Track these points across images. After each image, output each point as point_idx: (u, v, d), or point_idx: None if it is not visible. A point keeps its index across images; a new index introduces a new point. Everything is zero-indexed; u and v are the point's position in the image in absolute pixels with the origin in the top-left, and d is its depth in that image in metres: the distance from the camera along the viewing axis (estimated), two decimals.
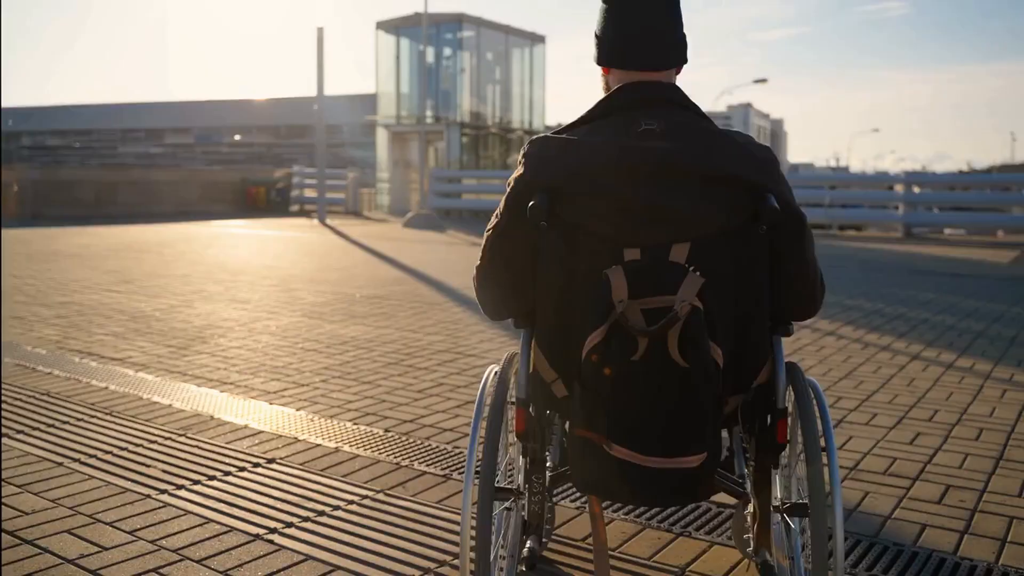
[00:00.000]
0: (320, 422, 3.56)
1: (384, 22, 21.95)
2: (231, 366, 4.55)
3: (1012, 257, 11.22)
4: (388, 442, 3.32)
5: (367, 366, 4.57)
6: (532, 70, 23.41)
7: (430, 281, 8.20)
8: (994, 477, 2.98)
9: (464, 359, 4.77)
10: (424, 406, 3.83)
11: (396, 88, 22.19)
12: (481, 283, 1.84)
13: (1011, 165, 61.60)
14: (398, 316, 6.14)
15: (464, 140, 21.92)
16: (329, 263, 9.80)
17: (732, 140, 1.68)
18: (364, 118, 28.20)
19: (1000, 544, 2.46)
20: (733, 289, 1.67)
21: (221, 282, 7.94)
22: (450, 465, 3.07)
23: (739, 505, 2.24)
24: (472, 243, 12.99)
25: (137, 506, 2.66)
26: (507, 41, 22.42)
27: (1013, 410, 3.80)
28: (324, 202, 17.67)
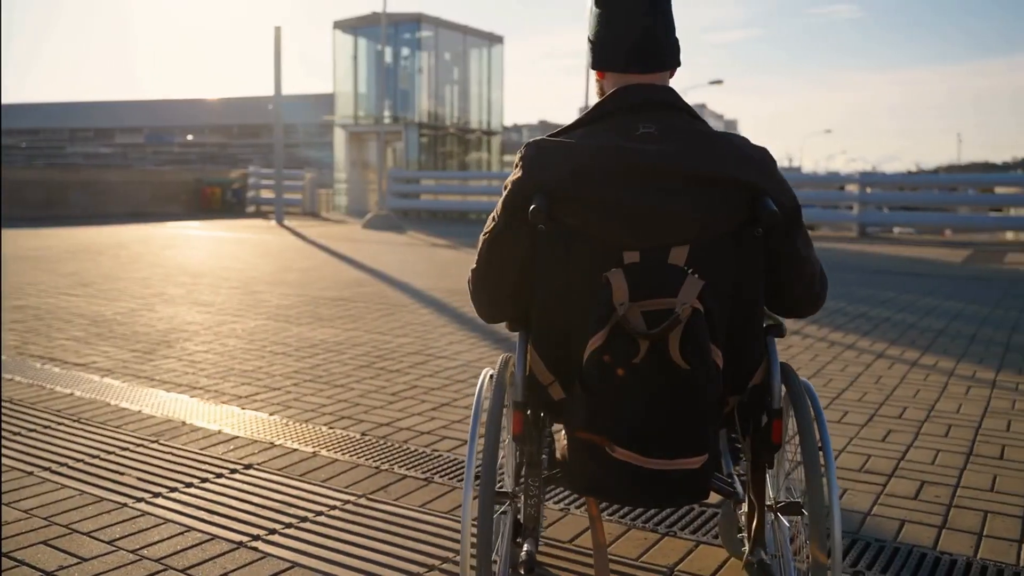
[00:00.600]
0: (295, 426, 3.52)
1: (341, 22, 21.79)
2: (199, 371, 4.48)
3: (965, 256, 11.48)
4: (366, 446, 3.29)
5: (338, 369, 4.53)
6: (490, 70, 23.41)
7: (394, 282, 8.16)
8: (966, 472, 3.04)
9: (435, 361, 4.75)
10: (399, 409, 3.80)
11: (354, 88, 22.03)
12: (477, 287, 1.83)
13: (957, 165, 63.01)
14: (366, 318, 6.10)
15: (422, 140, 21.84)
16: (290, 265, 9.69)
17: (729, 142, 1.69)
18: (321, 118, 27.97)
19: (977, 538, 2.51)
20: (730, 291, 1.68)
21: (182, 285, 7.81)
22: (430, 468, 3.05)
23: (727, 505, 2.27)
24: (432, 244, 12.95)
25: (114, 515, 2.61)
26: (465, 41, 22.40)
27: (978, 406, 3.88)
28: (282, 203, 17.48)
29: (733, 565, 2.32)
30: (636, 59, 1.74)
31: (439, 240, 13.63)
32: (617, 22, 1.74)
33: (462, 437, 3.41)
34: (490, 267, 1.77)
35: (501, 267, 1.76)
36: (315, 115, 33.91)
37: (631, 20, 1.73)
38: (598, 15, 1.77)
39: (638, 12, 1.73)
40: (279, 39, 16.33)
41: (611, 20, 1.75)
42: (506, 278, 1.76)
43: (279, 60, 16.39)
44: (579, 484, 1.70)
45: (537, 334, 1.78)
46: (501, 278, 1.77)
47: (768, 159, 1.69)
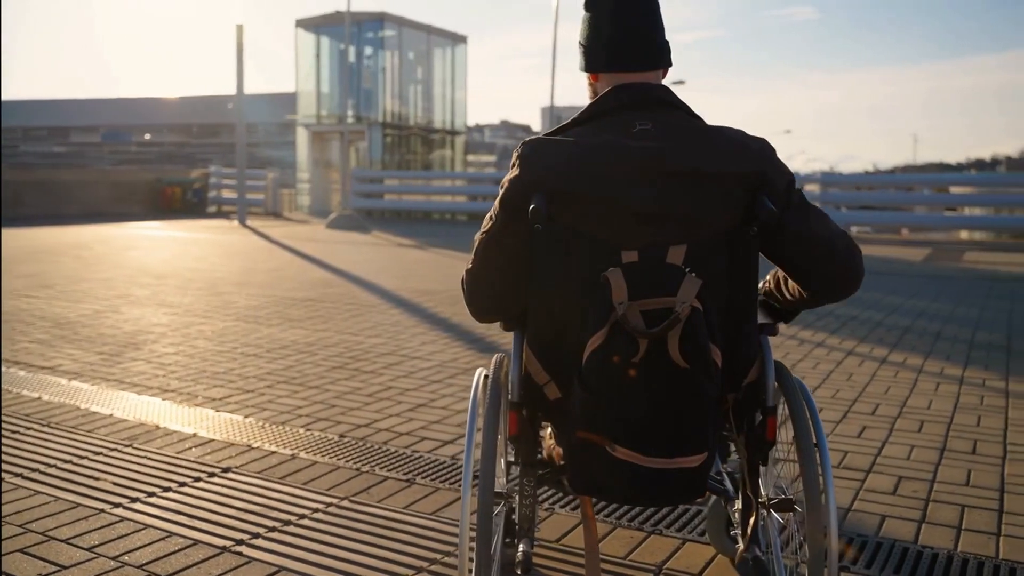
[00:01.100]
0: (271, 429, 3.48)
1: (304, 20, 21.61)
2: (170, 373, 4.41)
3: (924, 255, 11.68)
4: (345, 448, 3.26)
5: (312, 370, 4.49)
6: (454, 70, 23.36)
7: (362, 283, 8.10)
8: (941, 467, 3.09)
9: (409, 362, 4.72)
10: (376, 410, 3.77)
11: (316, 87, 21.87)
12: (473, 286, 1.82)
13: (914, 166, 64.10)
14: (336, 319, 6.05)
15: (386, 140, 21.74)
16: (256, 265, 9.59)
17: (725, 135, 1.69)
18: (283, 118, 27.71)
19: (956, 532, 2.55)
20: (725, 290, 1.69)
21: (146, 286, 7.69)
22: (412, 470, 3.03)
23: (715, 502, 2.28)
24: (397, 244, 12.89)
25: (92, 521, 2.55)
26: (429, 41, 22.32)
27: (949, 402, 3.95)
28: (245, 203, 17.28)
29: (720, 562, 2.33)
30: (630, 58, 1.74)
31: (404, 240, 13.57)
32: (609, 24, 1.74)
33: (442, 438, 3.39)
34: (487, 266, 1.76)
35: (498, 266, 1.75)
36: (276, 114, 33.60)
37: (623, 22, 1.73)
38: (590, 19, 1.77)
39: (629, 14, 1.73)
40: (241, 37, 16.16)
41: (602, 23, 1.74)
42: (503, 277, 1.75)
43: (241, 59, 16.21)
44: (578, 484, 1.70)
45: (533, 333, 1.77)
46: (498, 278, 1.76)
47: (766, 146, 1.70)
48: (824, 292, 1.79)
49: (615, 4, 1.74)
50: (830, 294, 1.80)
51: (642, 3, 1.74)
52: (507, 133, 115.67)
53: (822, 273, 1.76)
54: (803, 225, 1.71)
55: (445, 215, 20.61)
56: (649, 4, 1.74)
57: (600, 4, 1.75)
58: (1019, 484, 2.93)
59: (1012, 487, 2.91)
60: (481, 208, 19.83)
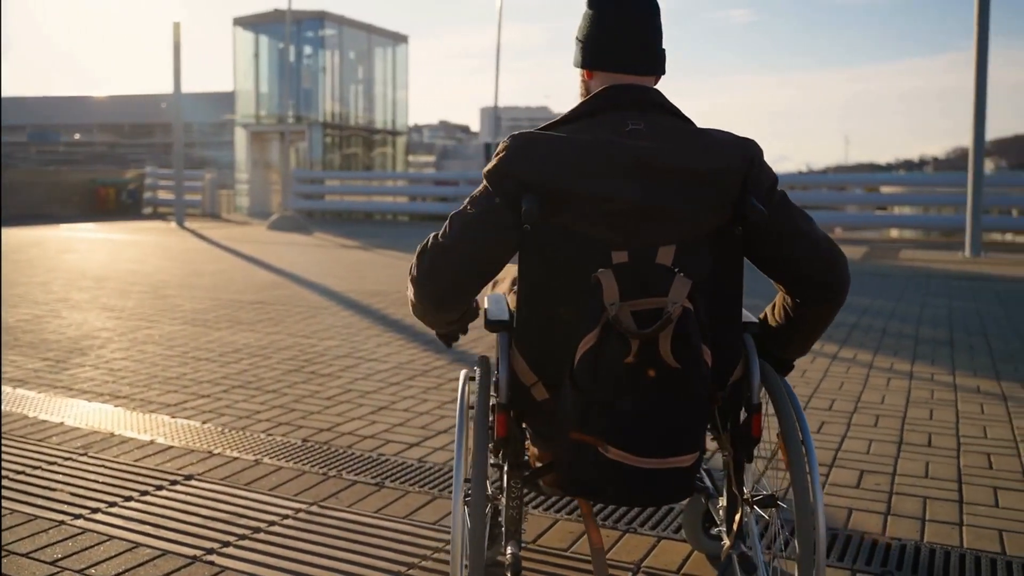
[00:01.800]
0: (231, 434, 3.41)
1: (242, 18, 21.26)
2: (120, 379, 4.29)
3: (862, 253, 11.96)
4: (309, 452, 3.21)
5: (267, 374, 4.41)
6: (395, 70, 23.22)
7: (310, 285, 8.00)
8: (900, 461, 3.16)
9: (366, 364, 4.67)
10: (337, 414, 3.72)
11: (255, 87, 21.55)
12: (436, 258, 1.70)
13: (845, 166, 65.65)
14: (287, 321, 5.95)
15: (327, 140, 21.51)
16: (198, 268, 9.40)
17: (714, 136, 1.71)
18: (219, 117, 27.21)
19: (920, 523, 2.61)
20: (712, 289, 1.70)
21: (86, 289, 7.48)
22: (380, 473, 2.99)
23: (692, 500, 2.29)
24: (341, 245, 12.77)
25: (52, 534, 2.47)
26: (370, 40, 22.15)
27: (901, 397, 4.05)
28: (182, 204, 16.93)
29: (697, 559, 2.35)
30: (630, 61, 1.74)
31: (348, 241, 13.44)
32: (613, 24, 1.73)
33: (407, 441, 3.36)
34: (463, 242, 1.68)
35: (473, 246, 1.68)
36: (211, 114, 32.98)
37: (627, 23, 1.73)
38: (592, 16, 1.76)
39: (634, 17, 1.73)
40: (178, 36, 15.83)
41: (607, 22, 1.74)
42: (475, 257, 1.69)
43: (179, 57, 15.88)
44: (569, 486, 1.69)
45: (520, 334, 1.76)
46: (469, 255, 1.68)
47: (753, 146, 1.71)
48: (811, 295, 1.77)
49: (620, 6, 1.73)
50: (816, 296, 1.77)
51: (645, 8, 1.74)
52: (446, 133, 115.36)
53: (807, 273, 1.75)
54: (787, 224, 1.73)
55: (387, 216, 20.49)
56: (652, 10, 1.74)
57: (605, 3, 1.75)
58: (976, 475, 3.01)
59: (969, 478, 2.98)
60: (423, 209, 19.75)
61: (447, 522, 2.58)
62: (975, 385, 4.29)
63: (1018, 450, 3.29)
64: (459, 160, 53.59)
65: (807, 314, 1.80)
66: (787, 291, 1.81)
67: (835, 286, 1.77)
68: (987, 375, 4.51)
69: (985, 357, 4.96)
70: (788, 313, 1.83)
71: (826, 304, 1.78)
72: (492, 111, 21.33)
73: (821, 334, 1.88)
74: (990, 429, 3.55)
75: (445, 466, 3.07)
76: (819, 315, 1.80)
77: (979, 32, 11.14)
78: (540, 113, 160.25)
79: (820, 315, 1.80)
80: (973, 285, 8.47)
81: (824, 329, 1.86)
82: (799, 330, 1.84)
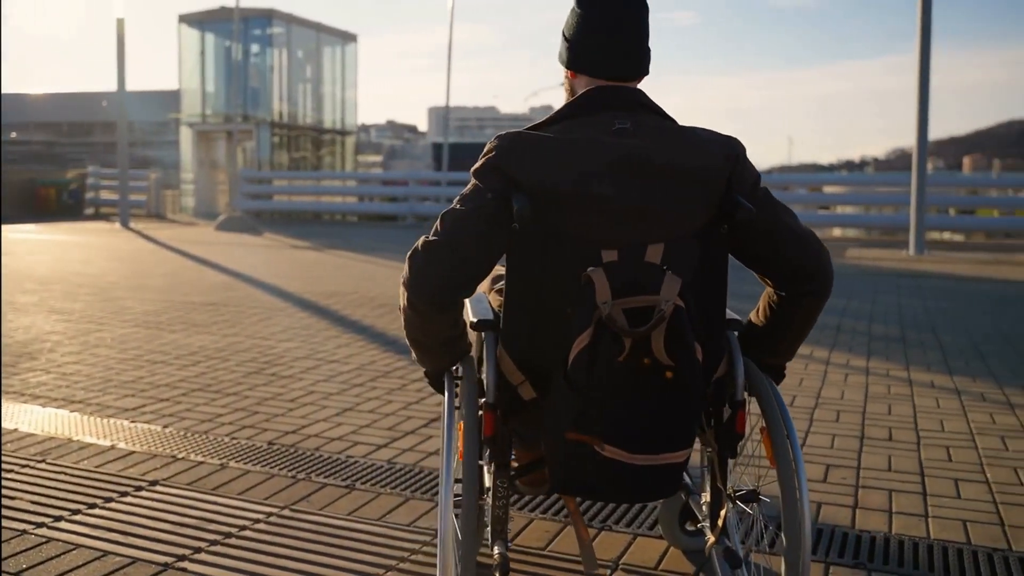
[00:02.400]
0: (194, 438, 3.34)
1: (188, 15, 20.91)
2: (74, 383, 4.18)
3: None
4: (276, 455, 3.16)
5: (227, 377, 4.33)
6: (344, 69, 23.03)
7: (263, 286, 7.89)
8: (863, 455, 3.22)
9: (328, 366, 4.62)
10: (302, 416, 3.67)
11: (201, 85, 21.20)
12: (430, 255, 1.67)
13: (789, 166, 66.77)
14: (243, 323, 5.86)
15: (275, 140, 21.26)
16: (147, 269, 9.21)
17: (698, 135, 1.72)
18: (164, 116, 26.71)
19: (888, 516, 2.66)
20: (699, 287, 1.71)
21: (31, 292, 7.28)
22: (350, 476, 2.96)
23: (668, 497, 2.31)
24: (292, 246, 12.62)
25: (15, 543, 2.39)
26: (318, 39, 21.94)
27: (859, 392, 4.12)
28: (127, 205, 16.58)
29: (674, 555, 2.37)
30: (619, 67, 1.74)
31: (298, 242, 13.29)
32: (602, 27, 1.73)
33: (375, 442, 3.33)
34: (457, 239, 1.66)
35: (472, 242, 1.66)
36: (155, 113, 32.35)
37: (616, 28, 1.72)
38: (581, 16, 1.75)
39: (623, 21, 1.73)
40: (122, 33, 15.49)
41: (596, 24, 1.73)
42: (471, 255, 1.67)
43: (123, 54, 15.55)
44: (562, 484, 1.69)
45: (507, 333, 1.75)
46: (463, 254, 1.66)
47: (737, 144, 1.73)
48: (797, 290, 1.78)
49: (612, 9, 1.73)
50: (802, 291, 1.78)
51: (635, 10, 1.74)
52: (393, 133, 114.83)
53: (793, 268, 1.76)
54: (773, 220, 1.74)
55: (335, 216, 20.31)
56: (642, 11, 1.74)
57: (595, 5, 1.74)
58: (936, 467, 3.08)
59: (931, 470, 3.05)
60: (372, 209, 19.61)
61: (422, 523, 2.56)
62: (929, 380, 4.39)
63: (975, 442, 3.38)
64: (407, 160, 53.35)
65: (794, 311, 1.82)
66: (774, 286, 1.82)
67: (821, 280, 1.78)
68: (940, 370, 4.62)
69: (937, 353, 5.08)
70: (774, 312, 1.84)
71: (813, 298, 1.80)
72: (440, 110, 21.28)
73: (807, 332, 1.88)
74: (947, 423, 3.64)
75: (416, 467, 3.05)
76: (806, 311, 1.82)
77: (922, 35, 11.41)
78: (488, 113, 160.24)
79: (807, 311, 1.82)
80: (919, 283, 8.68)
81: (810, 327, 1.87)
82: (789, 328, 1.85)
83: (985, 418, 3.72)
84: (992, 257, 11.78)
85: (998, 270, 10.10)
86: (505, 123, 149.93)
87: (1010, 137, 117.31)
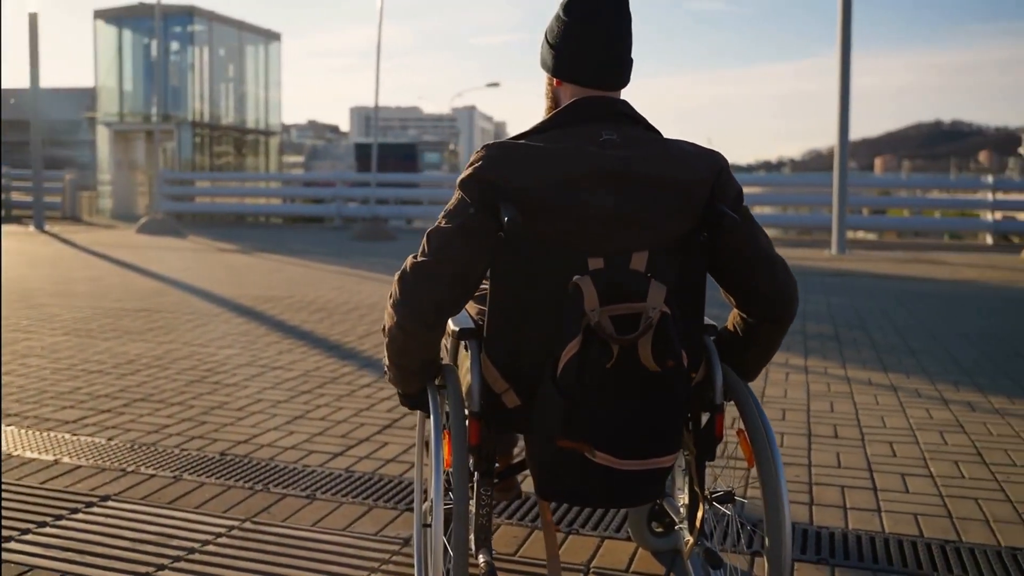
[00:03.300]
0: (142, 451, 3.25)
1: (104, 11, 20.28)
2: (6, 395, 4.02)
3: None
4: (230, 466, 3.09)
5: (169, 386, 4.22)
6: (267, 68, 22.65)
7: (195, 291, 7.70)
8: (813, 452, 3.31)
9: (272, 373, 4.54)
10: (252, 425, 3.60)
11: (119, 83, 20.58)
12: (419, 275, 1.66)
13: None
14: (179, 330, 5.72)
15: (196, 140, 20.77)
16: (70, 274, 8.90)
17: (683, 147, 1.74)
18: (79, 115, 25.84)
19: (843, 511, 2.74)
20: (678, 294, 1.74)
21: None
22: (309, 485, 2.92)
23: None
24: (219, 249, 12.35)
25: None
26: (241, 37, 21.53)
27: (801, 391, 4.24)
28: (42, 207, 15.99)
29: (644, 557, 2.40)
30: (606, 75, 1.75)
31: (225, 245, 13.02)
32: (589, 37, 1.73)
33: (330, 450, 3.28)
34: (448, 259, 1.65)
35: (459, 263, 1.65)
36: (68, 111, 31.29)
37: (603, 38, 1.73)
38: (571, 24, 1.74)
39: (610, 31, 1.73)
40: (35, 28, 14.94)
41: (588, 34, 1.73)
42: (463, 273, 1.66)
43: (36, 50, 14.99)
44: (549, 491, 1.70)
45: (491, 341, 1.75)
46: (457, 272, 1.66)
47: (721, 158, 1.76)
48: (762, 311, 1.81)
49: (603, 19, 1.73)
50: (766, 312, 1.81)
51: (621, 20, 1.75)
52: (315, 133, 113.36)
53: (761, 290, 1.79)
54: (750, 239, 1.78)
55: (259, 217, 19.96)
56: (626, 21, 1.75)
57: (583, 14, 1.73)
58: (883, 463, 3.19)
59: (878, 466, 3.15)
60: (297, 211, 19.32)
61: (389, 532, 2.54)
62: (866, 377, 4.54)
63: (916, 438, 3.50)
64: (329, 160, 52.59)
65: (756, 333, 1.85)
66: (738, 305, 1.86)
67: (782, 307, 1.81)
68: (875, 367, 4.77)
69: (870, 350, 5.25)
70: (740, 331, 1.87)
71: (772, 324, 1.83)
72: (363, 110, 21.11)
73: (770, 356, 1.91)
74: (888, 419, 3.76)
75: (375, 475, 3.02)
76: (769, 332, 1.85)
77: (842, 40, 11.76)
78: (411, 113, 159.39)
79: (770, 332, 1.85)
80: (845, 281, 8.95)
81: (772, 351, 1.89)
82: (751, 349, 1.88)
83: (922, 414, 3.86)
84: (910, 256, 12.22)
85: (916, 268, 10.48)
86: (428, 124, 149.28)
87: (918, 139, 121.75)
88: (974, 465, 3.18)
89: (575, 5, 1.74)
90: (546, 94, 1.84)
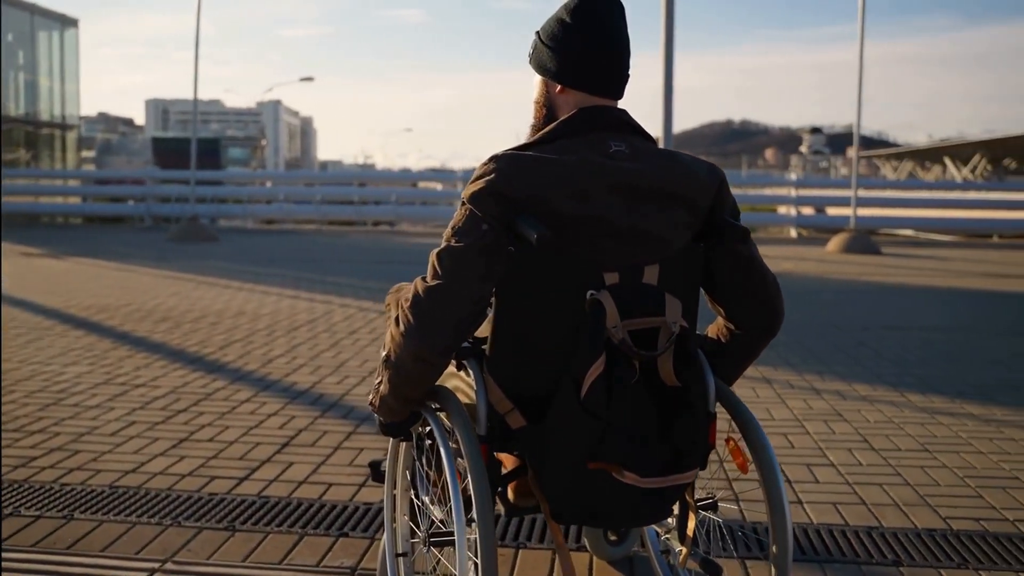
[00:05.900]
0: (15, 490, 2.90)
1: None
2: None
3: None
4: (126, 500, 2.81)
5: (21, 411, 3.80)
6: (63, 56, 21.00)
7: (15, 302, 6.99)
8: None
9: (136, 392, 4.18)
10: (134, 451, 3.29)
11: None
12: (437, 304, 1.56)
13: None
14: (11, 347, 5.17)
15: None
16: None
17: (685, 159, 1.73)
18: None
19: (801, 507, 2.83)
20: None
21: None
22: (223, 516, 2.70)
23: None
24: (24, 253, 11.31)
25: None
26: (32, 22, 19.83)
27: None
28: None
29: (600, 566, 2.38)
30: (615, 84, 1.72)
31: (30, 248, 11.93)
32: (604, 44, 1.68)
33: (233, 475, 3.06)
34: (466, 282, 1.56)
35: (481, 279, 1.57)
36: None
37: (610, 46, 1.69)
38: (578, 30, 1.68)
39: (616, 39, 1.70)
40: None
41: (596, 40, 1.68)
42: (481, 294, 1.59)
43: None
44: (570, 514, 1.64)
45: (496, 360, 1.67)
46: (476, 294, 1.57)
47: (719, 171, 1.76)
48: (750, 322, 1.83)
49: (609, 26, 1.69)
50: (755, 324, 1.83)
51: (624, 28, 1.72)
52: (107, 126, 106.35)
53: (754, 301, 1.81)
54: (748, 252, 1.79)
55: (56, 218, 18.49)
56: (626, 30, 1.72)
57: (591, 20, 1.68)
58: (784, 454, 3.32)
59: (781, 458, 3.28)
60: (102, 210, 18.05)
61: (331, 562, 2.39)
62: None
63: (804, 428, 3.69)
64: (124, 156, 49.40)
65: (745, 339, 1.87)
66: (727, 316, 1.87)
67: (771, 320, 1.84)
68: None
69: None
70: (723, 339, 1.89)
71: (761, 333, 1.86)
72: (159, 103, 20.01)
73: (749, 363, 1.94)
74: (773, 411, 3.94)
75: (291, 499, 2.84)
76: (756, 341, 1.87)
77: (666, 38, 12.25)
78: (212, 107, 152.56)
79: (757, 341, 1.87)
80: None
81: (752, 359, 1.92)
82: (738, 354, 1.89)
83: (801, 404, 4.07)
84: None
85: None
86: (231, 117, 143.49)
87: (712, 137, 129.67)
88: (866, 452, 3.38)
89: (582, 10, 1.69)
90: (537, 99, 1.77)
